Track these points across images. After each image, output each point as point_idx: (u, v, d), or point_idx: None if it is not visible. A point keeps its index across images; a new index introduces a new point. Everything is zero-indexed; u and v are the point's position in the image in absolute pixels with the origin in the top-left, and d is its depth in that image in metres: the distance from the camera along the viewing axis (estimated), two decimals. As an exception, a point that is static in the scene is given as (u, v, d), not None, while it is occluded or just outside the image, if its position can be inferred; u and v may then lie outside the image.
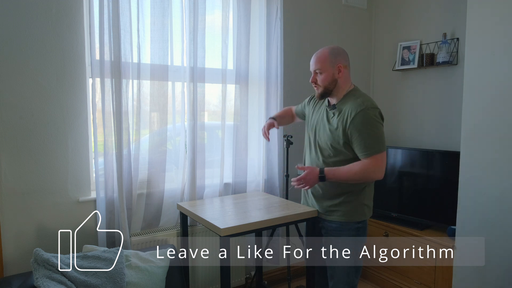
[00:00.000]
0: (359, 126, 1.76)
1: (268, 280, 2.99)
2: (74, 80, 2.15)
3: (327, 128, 1.89)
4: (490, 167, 2.14)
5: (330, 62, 1.84)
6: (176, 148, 2.51)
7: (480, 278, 2.22)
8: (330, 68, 1.84)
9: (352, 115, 1.78)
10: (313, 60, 1.89)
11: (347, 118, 1.79)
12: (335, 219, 1.92)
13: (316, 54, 1.89)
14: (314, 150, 1.97)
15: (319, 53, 1.88)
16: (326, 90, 1.88)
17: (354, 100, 1.83)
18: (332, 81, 1.86)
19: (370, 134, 1.76)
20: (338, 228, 1.92)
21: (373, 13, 3.47)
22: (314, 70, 1.88)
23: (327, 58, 1.84)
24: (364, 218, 1.92)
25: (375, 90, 3.49)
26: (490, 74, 2.13)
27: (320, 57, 1.86)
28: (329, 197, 1.94)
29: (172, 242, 2.40)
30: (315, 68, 1.87)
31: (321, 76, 1.86)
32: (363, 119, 1.76)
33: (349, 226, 1.89)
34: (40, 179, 2.10)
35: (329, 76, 1.85)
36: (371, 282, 3.07)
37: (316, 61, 1.87)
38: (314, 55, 1.90)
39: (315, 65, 1.87)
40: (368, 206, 1.95)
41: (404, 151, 2.87)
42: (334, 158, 1.88)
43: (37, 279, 1.66)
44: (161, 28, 2.33)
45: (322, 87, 1.87)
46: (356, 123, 1.76)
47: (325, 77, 1.85)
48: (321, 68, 1.85)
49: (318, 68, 1.86)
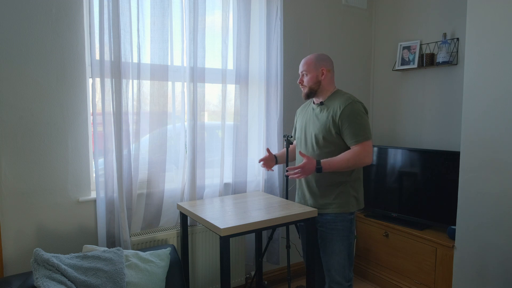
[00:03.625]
0: (348, 117, 1.97)
1: (268, 280, 2.99)
2: (74, 80, 2.16)
3: (318, 123, 2.07)
4: (490, 167, 2.14)
5: (315, 65, 2.08)
6: (176, 148, 2.51)
7: (480, 278, 2.22)
8: (315, 71, 2.08)
9: (341, 108, 1.99)
10: (301, 63, 2.14)
11: (336, 111, 2.00)
12: (330, 212, 2.06)
13: (304, 59, 2.14)
14: (305, 145, 2.15)
15: (306, 57, 2.14)
16: (311, 90, 2.10)
17: (340, 97, 2.06)
18: (316, 82, 2.08)
19: (358, 123, 1.96)
20: (333, 220, 2.06)
21: (373, 13, 3.47)
22: (301, 72, 2.12)
23: (312, 62, 2.09)
24: (354, 210, 2.08)
25: (375, 90, 3.49)
26: (490, 74, 2.13)
27: (306, 61, 2.11)
28: (323, 190, 2.07)
29: (172, 242, 2.40)
30: (302, 69, 2.12)
31: (307, 77, 2.10)
32: (351, 111, 1.97)
33: (343, 217, 2.05)
34: (40, 179, 2.10)
35: (314, 77, 2.08)
36: (371, 282, 3.07)
37: (303, 64, 2.12)
38: (303, 60, 2.14)
39: (302, 67, 2.12)
40: (357, 199, 2.09)
41: (404, 151, 2.87)
42: (325, 149, 2.04)
43: (37, 279, 1.66)
44: (161, 28, 2.33)
45: (308, 87, 2.10)
46: (345, 115, 1.97)
47: (310, 78, 2.08)
48: (307, 70, 2.09)
49: (304, 70, 2.10)
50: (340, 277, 2.06)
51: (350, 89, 3.35)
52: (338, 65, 3.27)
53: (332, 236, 2.05)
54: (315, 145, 2.07)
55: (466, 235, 2.28)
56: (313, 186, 2.10)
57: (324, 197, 2.07)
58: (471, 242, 2.25)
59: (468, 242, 2.27)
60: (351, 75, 3.38)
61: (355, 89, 3.40)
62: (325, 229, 2.07)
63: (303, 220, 2.06)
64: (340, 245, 2.04)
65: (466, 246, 2.28)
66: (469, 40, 2.22)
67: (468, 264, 2.28)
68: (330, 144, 2.02)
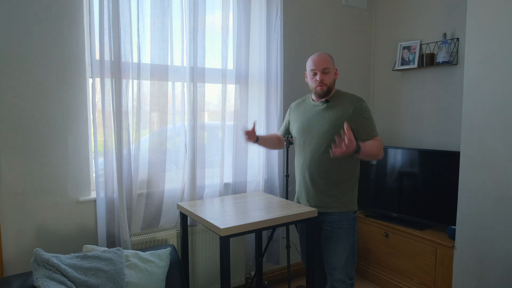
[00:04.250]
0: (361, 114, 2.01)
1: (268, 280, 2.99)
2: (74, 80, 2.16)
3: (325, 120, 2.05)
4: (490, 167, 2.14)
5: (332, 64, 2.08)
6: (176, 148, 2.51)
7: (480, 278, 2.22)
8: (333, 69, 2.09)
9: (353, 106, 2.02)
10: (318, 60, 2.04)
11: (348, 109, 2.02)
12: (335, 211, 2.08)
13: (320, 56, 2.05)
14: (311, 143, 2.10)
15: (323, 55, 2.06)
16: (329, 88, 2.07)
17: (346, 95, 2.09)
18: (333, 80, 2.09)
19: (370, 120, 2.04)
20: (339, 219, 2.07)
21: (373, 13, 3.47)
22: (322, 69, 2.03)
23: (331, 61, 2.07)
24: (356, 208, 2.13)
25: (375, 90, 3.49)
26: (490, 74, 2.13)
27: (326, 58, 2.05)
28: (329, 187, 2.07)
29: (172, 242, 2.40)
30: (324, 66, 2.03)
31: (328, 75, 2.05)
32: (362, 108, 2.03)
33: (348, 216, 2.08)
34: (40, 179, 2.10)
35: (332, 76, 2.08)
36: (371, 282, 3.07)
37: (324, 61, 2.04)
38: (318, 57, 2.05)
39: (322, 64, 2.03)
40: (356, 198, 2.14)
41: (404, 151, 2.87)
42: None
43: (37, 279, 1.66)
44: (161, 28, 2.33)
45: (328, 85, 2.06)
46: (358, 112, 2.01)
47: (330, 76, 2.07)
48: (330, 67, 2.05)
49: (326, 67, 2.03)
50: (343, 275, 2.06)
51: (350, 89, 3.35)
52: (338, 65, 3.26)
53: (339, 235, 2.06)
54: (324, 143, 2.04)
55: (466, 235, 2.27)
56: (318, 183, 2.09)
57: (329, 195, 2.08)
58: (471, 242, 2.25)
59: (468, 242, 2.27)
60: (351, 75, 3.38)
61: (355, 89, 3.40)
62: (331, 228, 2.08)
63: (303, 220, 2.06)
64: (346, 243, 2.06)
65: (466, 246, 2.28)
66: (469, 40, 2.22)
67: (468, 264, 2.28)
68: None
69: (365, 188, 3.12)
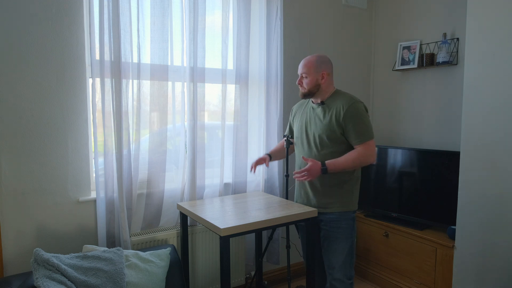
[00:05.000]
0: (352, 117, 1.98)
1: (268, 280, 2.99)
2: (74, 80, 2.16)
3: (320, 123, 2.06)
4: (490, 167, 2.14)
5: (316, 68, 2.05)
6: (176, 148, 2.51)
7: (480, 278, 2.22)
8: (315, 74, 2.05)
9: (344, 108, 1.99)
10: (301, 64, 2.09)
11: (340, 111, 2.00)
12: (334, 211, 2.08)
13: (304, 60, 2.09)
14: (307, 145, 2.14)
15: (307, 59, 2.08)
16: (309, 92, 2.08)
17: (342, 97, 2.06)
18: (315, 85, 2.06)
19: (361, 123, 1.98)
20: (337, 219, 2.07)
21: (373, 13, 3.47)
22: (301, 74, 2.09)
23: (313, 65, 2.05)
24: (356, 208, 2.13)
25: (375, 90, 3.49)
26: (490, 74, 2.13)
27: (307, 63, 2.07)
28: (327, 189, 2.08)
29: (172, 242, 2.40)
30: (302, 72, 2.08)
31: (306, 80, 2.07)
32: (354, 111, 1.99)
33: (347, 216, 2.08)
34: (40, 179, 2.10)
35: (313, 80, 2.05)
36: (371, 282, 3.07)
37: (303, 66, 2.07)
38: (303, 60, 2.10)
39: (302, 69, 2.08)
40: (356, 198, 2.13)
41: (404, 151, 2.87)
42: (328, 149, 2.04)
43: (37, 279, 1.66)
44: (161, 28, 2.33)
45: (307, 89, 2.08)
46: (349, 115, 1.98)
47: (309, 81, 2.06)
48: (307, 73, 2.06)
49: (304, 72, 2.07)
50: (342, 275, 2.07)
51: (350, 89, 3.35)
52: (338, 65, 3.27)
53: (337, 235, 2.07)
54: (319, 145, 2.06)
55: (466, 235, 2.27)
56: (317, 185, 2.11)
57: (328, 196, 2.08)
58: (471, 242, 2.25)
59: (468, 242, 2.27)
60: (351, 75, 3.38)
61: (355, 89, 3.40)
62: (329, 228, 2.09)
63: (304, 220, 2.06)
64: (344, 243, 2.06)
65: (466, 246, 2.28)
66: (469, 40, 2.22)
67: (468, 264, 2.28)
68: (335, 144, 2.03)
69: (365, 188, 3.12)
